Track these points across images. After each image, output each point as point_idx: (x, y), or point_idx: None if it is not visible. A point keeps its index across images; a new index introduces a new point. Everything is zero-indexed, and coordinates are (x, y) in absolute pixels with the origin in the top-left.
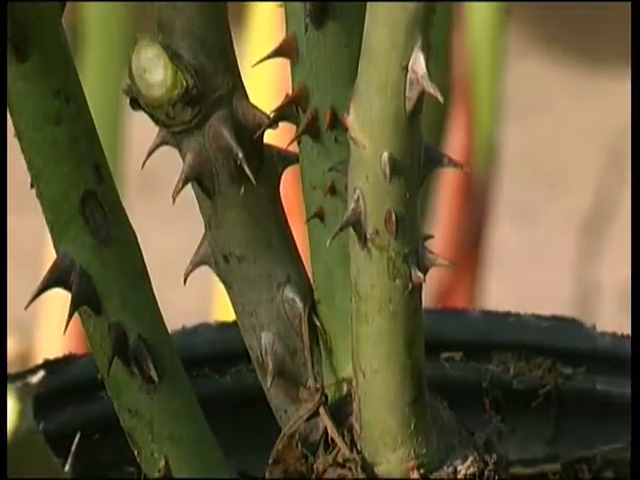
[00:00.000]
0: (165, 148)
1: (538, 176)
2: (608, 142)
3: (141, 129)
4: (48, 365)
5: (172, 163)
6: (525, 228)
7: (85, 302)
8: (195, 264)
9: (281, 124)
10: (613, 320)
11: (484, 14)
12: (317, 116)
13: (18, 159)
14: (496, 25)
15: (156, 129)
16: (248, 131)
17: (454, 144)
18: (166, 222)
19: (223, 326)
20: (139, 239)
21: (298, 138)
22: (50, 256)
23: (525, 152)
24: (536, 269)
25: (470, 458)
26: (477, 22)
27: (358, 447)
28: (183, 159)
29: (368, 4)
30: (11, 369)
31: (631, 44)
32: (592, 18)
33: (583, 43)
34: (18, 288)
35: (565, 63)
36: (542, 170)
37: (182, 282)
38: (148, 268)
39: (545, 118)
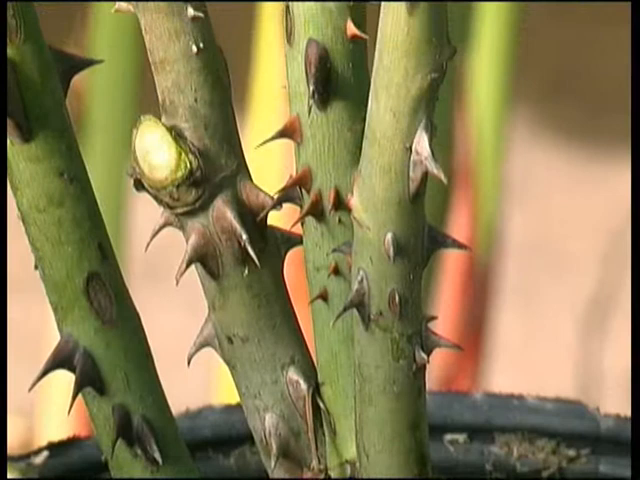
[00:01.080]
0: (169, 232)
1: (540, 261)
2: (611, 227)
3: (145, 211)
4: (52, 447)
5: (176, 247)
6: (527, 312)
7: (89, 383)
8: (199, 345)
9: (285, 205)
10: (616, 405)
11: (488, 98)
12: (321, 197)
13: (19, 241)
14: (500, 109)
15: (160, 210)
16: (252, 212)
17: (457, 227)
18: (170, 305)
19: (227, 408)
20: (143, 321)
21: (302, 219)
22: (52, 338)
23: (528, 236)
24: (538, 354)
25: None
26: (481, 106)
27: None
28: (187, 240)
29: (372, 87)
30: (15, 453)
31: (631, 44)
32: (596, 104)
33: (586, 127)
34: (21, 371)
35: (567, 147)
36: (544, 255)
37: (186, 363)
38: (152, 350)
39: (547, 202)
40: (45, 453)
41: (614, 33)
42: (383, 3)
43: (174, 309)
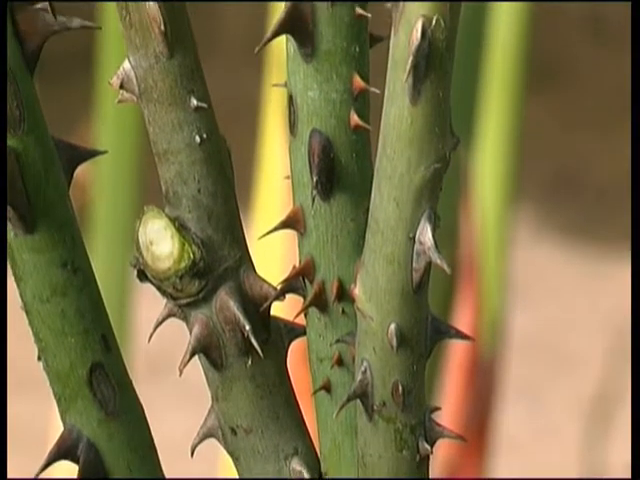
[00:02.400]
0: (173, 328)
1: (545, 356)
2: (614, 324)
3: (148, 302)
4: None
5: (178, 344)
6: (531, 409)
7: (92, 475)
8: (202, 436)
9: (288, 296)
10: None
11: (493, 193)
12: (324, 288)
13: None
14: (504, 204)
15: (163, 301)
16: (255, 303)
17: (461, 321)
18: (173, 399)
19: None
20: (146, 413)
21: (305, 310)
22: (54, 431)
23: (532, 332)
24: (542, 451)
25: None
26: (486, 201)
27: None
28: (190, 331)
29: (375, 177)
30: None
31: (631, 44)
32: (598, 205)
33: (590, 229)
34: (23, 467)
35: (570, 246)
36: (549, 351)
37: (189, 455)
38: (155, 441)
39: (551, 299)
40: None
41: (615, 137)
42: (386, 94)
43: (177, 402)
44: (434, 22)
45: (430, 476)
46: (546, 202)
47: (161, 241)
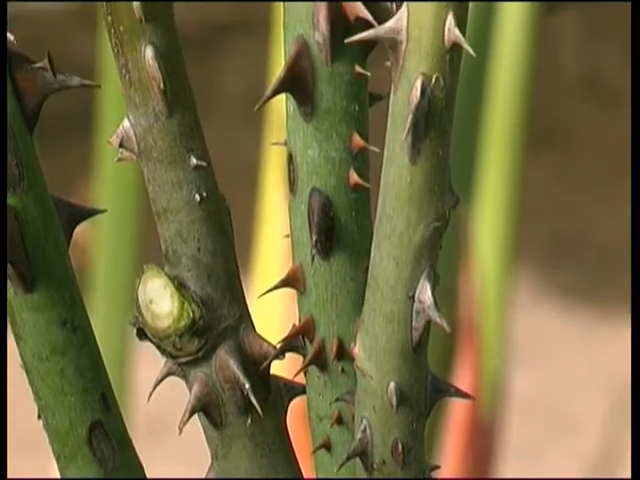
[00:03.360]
0: (173, 386)
1: (545, 419)
2: (614, 387)
3: (148, 360)
4: None
5: (177, 403)
6: (532, 469)
7: None
8: None
9: (288, 354)
10: None
11: (492, 254)
12: (324, 347)
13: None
14: (504, 265)
15: (163, 359)
16: (255, 362)
17: (461, 383)
18: (173, 458)
19: None
20: (146, 473)
21: (305, 369)
22: None
23: (532, 394)
24: None
25: None
26: (485, 261)
27: None
28: (190, 390)
29: (374, 235)
30: None
31: (631, 45)
32: (598, 267)
33: (589, 290)
34: None
35: (570, 308)
36: (548, 413)
37: None
38: None
39: (551, 362)
40: None
41: (615, 199)
42: (386, 152)
43: (177, 461)
44: (434, 80)
45: None
46: (546, 263)
47: (161, 300)
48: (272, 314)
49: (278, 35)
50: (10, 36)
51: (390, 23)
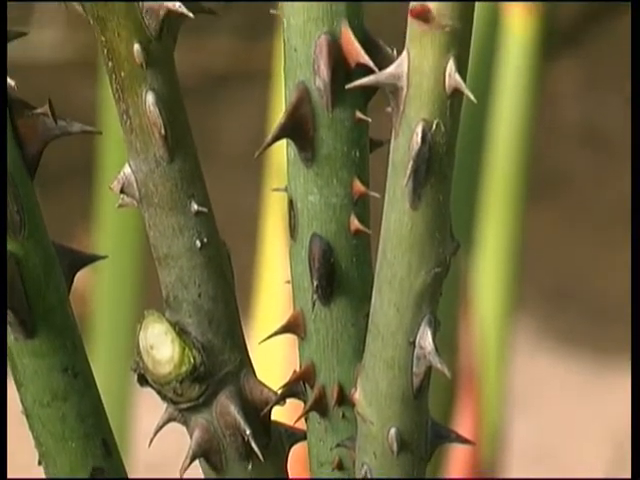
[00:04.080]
0: (174, 432)
1: (545, 466)
2: (615, 435)
3: (149, 407)
4: None
5: (178, 448)
6: None
7: None
8: None
9: (289, 400)
10: None
11: (492, 301)
12: (324, 393)
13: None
14: (504, 313)
15: (163, 407)
16: (256, 408)
17: (461, 430)
18: None
19: None
20: None
21: (306, 414)
22: None
23: (532, 443)
24: None
25: None
26: (485, 309)
27: None
28: (190, 436)
29: (375, 281)
30: None
31: (631, 44)
32: (599, 315)
33: (590, 339)
34: None
35: (570, 356)
36: (549, 461)
37: None
38: None
39: (551, 410)
40: None
41: (615, 249)
42: (386, 198)
43: None
44: (434, 126)
45: None
46: (546, 311)
47: (162, 345)
48: (273, 360)
49: (278, 84)
50: (10, 82)
51: (391, 69)
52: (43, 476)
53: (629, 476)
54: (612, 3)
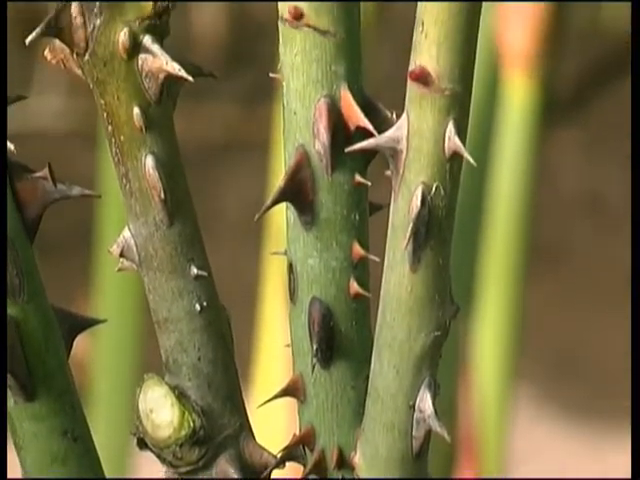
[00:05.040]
0: None
1: None
2: None
3: (148, 471)
4: None
5: None
6: None
7: None
8: None
9: (288, 464)
10: None
11: (492, 368)
12: (324, 456)
13: None
14: (504, 380)
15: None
16: (255, 471)
17: None
18: None
19: None
20: None
21: (305, 478)
22: None
23: None
24: None
25: None
26: (485, 376)
27: None
28: None
29: (375, 344)
30: None
31: (631, 44)
32: (599, 383)
33: (590, 406)
34: None
35: (572, 425)
36: None
37: None
38: None
39: (554, 476)
40: None
41: (615, 318)
42: (386, 261)
43: None
44: (434, 189)
45: None
46: (546, 379)
47: (161, 409)
48: (273, 423)
49: (277, 149)
50: (10, 145)
51: (390, 132)
52: None
53: None
54: (612, 70)
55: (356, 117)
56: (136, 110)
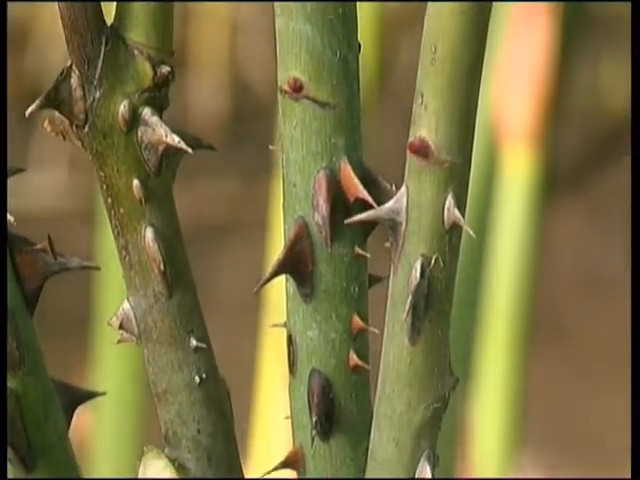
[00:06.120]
0: None
1: None
2: None
3: None
4: None
5: None
6: None
7: None
8: None
9: None
10: None
11: (493, 443)
12: None
13: None
14: (505, 457)
15: None
16: None
17: None
18: None
19: None
20: None
21: None
22: None
23: None
24: None
25: None
26: (485, 453)
27: None
28: None
29: (375, 415)
30: None
31: (631, 45)
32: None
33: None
34: None
35: None
36: None
37: None
38: None
39: None
40: None
41: (613, 390)
42: (385, 333)
43: None
44: (433, 261)
45: None
46: (548, 455)
47: None
48: None
49: (275, 227)
50: (10, 217)
51: (390, 204)
52: None
53: None
54: (612, 148)
55: (355, 189)
56: (135, 182)
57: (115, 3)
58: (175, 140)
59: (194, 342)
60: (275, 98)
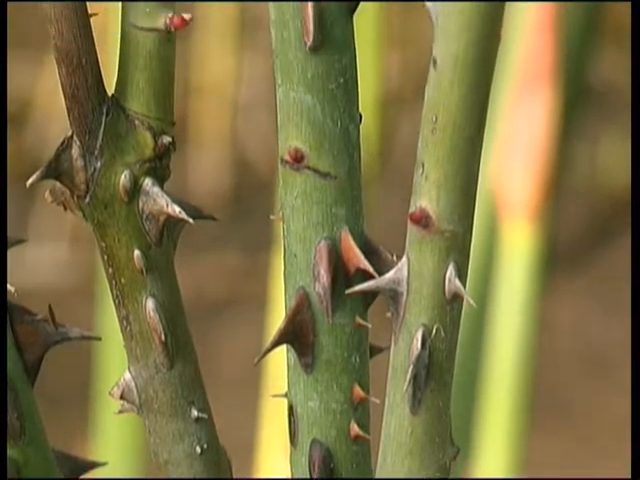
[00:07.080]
0: None
1: None
2: None
3: None
4: None
5: None
6: None
7: None
8: None
9: None
10: None
11: None
12: None
13: None
14: None
15: None
16: None
17: None
18: None
19: None
20: None
21: None
22: None
23: None
24: None
25: None
26: None
27: None
28: None
29: None
30: None
31: (631, 45)
32: None
33: None
34: None
35: None
36: None
37: None
38: None
39: None
40: None
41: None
42: (387, 403)
43: None
44: (434, 332)
45: None
46: None
47: None
48: None
49: (276, 299)
50: (10, 288)
51: (390, 274)
52: None
53: None
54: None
55: (356, 259)
56: (137, 252)
57: (116, 73)
58: (176, 210)
59: (195, 412)
60: (275, 175)
